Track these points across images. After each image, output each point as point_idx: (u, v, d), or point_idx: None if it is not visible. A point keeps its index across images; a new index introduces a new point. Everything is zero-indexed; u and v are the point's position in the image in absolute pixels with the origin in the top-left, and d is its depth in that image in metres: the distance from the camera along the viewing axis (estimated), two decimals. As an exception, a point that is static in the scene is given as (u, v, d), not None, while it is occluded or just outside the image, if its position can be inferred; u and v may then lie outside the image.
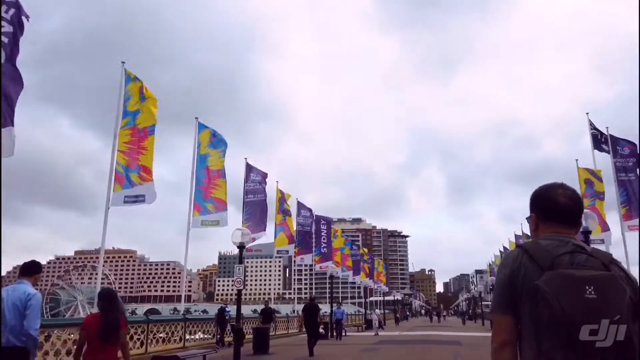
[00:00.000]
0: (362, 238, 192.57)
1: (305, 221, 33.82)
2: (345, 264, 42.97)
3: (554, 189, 1.91)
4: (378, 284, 58.48)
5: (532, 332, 1.63)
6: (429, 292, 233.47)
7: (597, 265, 1.64)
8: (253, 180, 25.22)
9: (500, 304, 1.74)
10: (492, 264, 65.84)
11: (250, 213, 24.22)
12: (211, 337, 19.50)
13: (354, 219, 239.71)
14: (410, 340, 21.82)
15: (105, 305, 4.88)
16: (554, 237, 1.78)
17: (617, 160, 20.46)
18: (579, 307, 1.52)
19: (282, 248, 28.29)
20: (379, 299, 60.36)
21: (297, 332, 28.03)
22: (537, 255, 1.70)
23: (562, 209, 1.84)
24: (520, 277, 1.70)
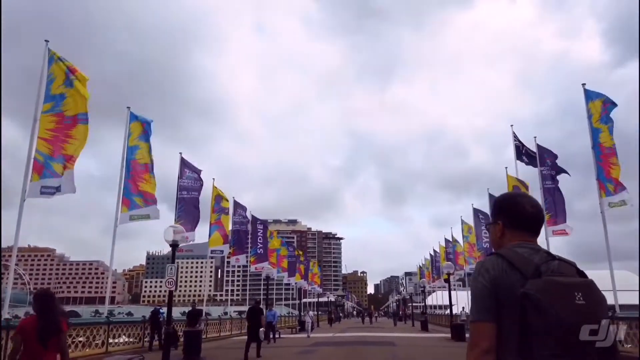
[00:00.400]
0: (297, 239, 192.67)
1: (241, 221, 32.98)
2: (281, 265, 42.49)
3: (520, 198, 1.95)
4: (312, 285, 58.50)
5: (516, 339, 1.61)
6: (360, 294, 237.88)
7: (571, 271, 1.70)
8: (188, 177, 24.09)
9: (482, 310, 1.72)
10: (422, 267, 68.01)
11: (184, 210, 23.10)
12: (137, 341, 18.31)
13: (290, 221, 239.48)
14: (346, 342, 21.76)
15: (42, 307, 4.60)
16: (525, 245, 1.80)
17: (543, 169, 21.58)
18: (572, 313, 1.55)
19: (217, 248, 27.30)
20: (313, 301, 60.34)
21: (229, 334, 27.21)
22: (518, 262, 1.71)
23: (530, 217, 1.88)
24: (502, 283, 1.69)
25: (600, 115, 15.92)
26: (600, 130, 15.66)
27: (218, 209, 28.09)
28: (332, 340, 23.23)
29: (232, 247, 31.78)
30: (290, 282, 48.18)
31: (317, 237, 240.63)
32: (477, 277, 1.78)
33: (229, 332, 27.84)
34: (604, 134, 15.47)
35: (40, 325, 4.44)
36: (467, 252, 38.43)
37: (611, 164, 15.16)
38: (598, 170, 15.99)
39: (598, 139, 15.77)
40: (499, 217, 1.95)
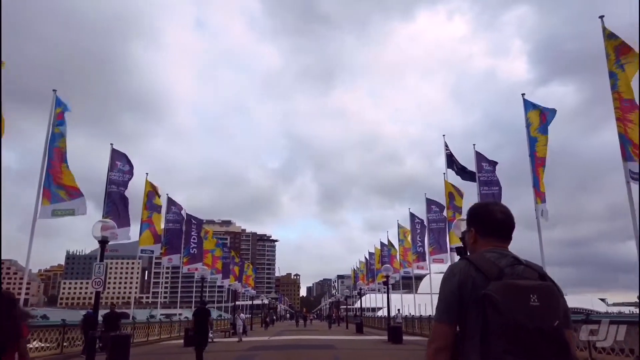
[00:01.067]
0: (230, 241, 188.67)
1: (175, 219, 31.41)
2: (215, 267, 41.03)
3: (491, 206, 2.10)
4: (246, 287, 57.19)
5: (478, 337, 1.76)
6: (293, 296, 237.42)
7: (534, 275, 1.84)
8: (120, 170, 22.45)
9: (445, 311, 1.89)
10: (357, 269, 68.81)
11: (113, 206, 21.45)
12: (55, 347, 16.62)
13: (223, 221, 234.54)
14: (284, 345, 21.15)
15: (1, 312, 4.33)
16: (495, 250, 1.95)
17: (481, 175, 22.26)
18: (526, 313, 1.70)
19: (147, 247, 25.68)
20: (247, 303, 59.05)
21: (158, 339, 25.68)
22: (483, 266, 1.86)
23: (499, 224, 2.02)
24: (468, 286, 1.84)
25: (539, 124, 16.54)
26: (536, 139, 16.26)
27: (150, 206, 26.50)
28: (269, 344, 22.52)
29: (164, 246, 30.17)
30: (224, 284, 46.73)
31: (252, 239, 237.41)
32: (446, 280, 1.93)
33: (157, 337, 26.27)
34: (540, 143, 16.09)
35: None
36: (402, 255, 39.15)
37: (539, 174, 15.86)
38: (534, 179, 16.60)
39: (535, 147, 16.37)
40: (472, 224, 2.10)
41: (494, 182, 21.96)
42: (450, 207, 27.18)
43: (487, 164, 22.38)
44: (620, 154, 11.60)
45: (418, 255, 34.24)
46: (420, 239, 34.39)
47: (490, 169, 22.18)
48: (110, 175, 21.90)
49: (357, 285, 57.98)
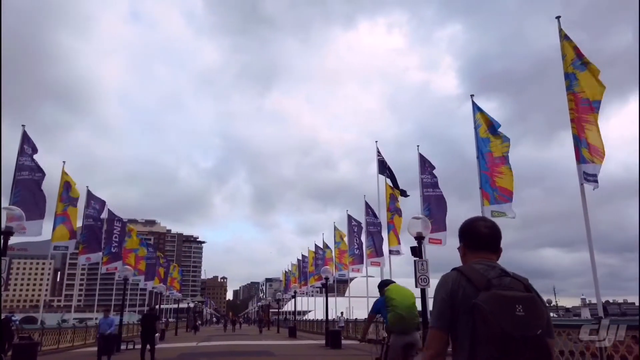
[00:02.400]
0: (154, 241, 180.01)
1: (95, 215, 28.59)
2: (138, 267, 38.13)
3: (477, 222, 2.26)
4: (171, 290, 54.10)
5: (467, 344, 1.89)
6: (219, 300, 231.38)
7: (520, 287, 1.97)
8: (30, 155, 19.76)
9: (439, 319, 2.02)
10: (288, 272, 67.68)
11: (22, 196, 18.76)
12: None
13: (147, 221, 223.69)
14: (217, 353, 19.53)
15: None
16: (482, 262, 2.10)
17: (424, 176, 22.06)
18: (512, 323, 1.81)
19: (61, 243, 22.86)
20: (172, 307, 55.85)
21: (70, 345, 22.99)
22: (473, 277, 1.99)
23: (485, 238, 2.19)
24: (459, 296, 1.98)
25: (488, 126, 16.43)
26: (489, 140, 16.11)
27: (66, 198, 23.71)
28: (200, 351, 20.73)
29: (82, 244, 27.33)
30: (148, 286, 43.68)
31: (177, 240, 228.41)
32: (439, 288, 2.07)
33: (70, 344, 23.53)
34: (494, 143, 15.92)
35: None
36: (338, 258, 38.64)
37: (499, 172, 15.62)
38: (482, 180, 16.42)
39: (486, 148, 16.20)
40: (461, 239, 2.28)
41: (436, 184, 21.88)
42: (391, 209, 26.94)
43: (429, 166, 22.27)
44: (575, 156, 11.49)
45: (354, 258, 33.83)
46: (357, 241, 34.02)
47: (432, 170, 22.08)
48: (19, 161, 19.19)
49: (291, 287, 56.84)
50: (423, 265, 11.93)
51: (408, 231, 12.42)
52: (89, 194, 28.39)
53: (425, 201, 21.71)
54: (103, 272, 32.60)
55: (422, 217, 12.13)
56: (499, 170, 15.55)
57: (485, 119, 16.75)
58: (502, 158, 15.62)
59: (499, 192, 15.45)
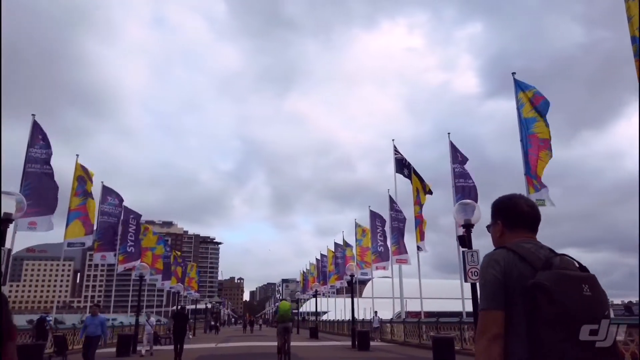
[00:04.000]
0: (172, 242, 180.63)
1: (112, 211, 27.69)
2: (155, 266, 37.24)
3: (518, 199, 2.07)
4: (189, 290, 53.24)
5: (524, 328, 1.72)
6: (236, 300, 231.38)
7: (574, 266, 1.83)
8: (42, 147, 18.81)
9: (493, 299, 1.82)
10: (306, 272, 66.43)
11: (33, 188, 17.80)
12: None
13: (164, 222, 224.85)
14: (237, 354, 18.38)
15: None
16: (530, 242, 1.93)
17: (455, 166, 20.60)
18: (581, 303, 1.68)
19: (76, 240, 21.88)
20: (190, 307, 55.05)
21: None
22: (528, 256, 1.84)
23: (527, 216, 2.01)
24: (514, 275, 1.81)
25: (533, 105, 14.92)
26: (535, 119, 14.61)
27: (82, 192, 22.75)
28: (220, 353, 19.58)
29: (98, 241, 26.43)
30: (165, 286, 42.82)
31: (194, 241, 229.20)
32: (487, 268, 1.87)
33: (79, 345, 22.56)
34: (540, 123, 14.42)
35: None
36: (359, 256, 37.22)
37: (539, 158, 14.15)
38: (526, 165, 14.96)
39: (531, 129, 14.70)
40: (497, 217, 2.08)
41: (468, 174, 20.39)
42: (418, 202, 25.50)
43: (460, 156, 20.79)
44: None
45: (377, 255, 32.37)
46: (381, 238, 32.57)
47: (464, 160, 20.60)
48: (30, 153, 18.24)
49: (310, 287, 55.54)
50: (473, 256, 10.52)
51: (455, 218, 11.00)
52: (104, 189, 27.51)
53: (457, 192, 20.24)
54: (120, 272, 31.79)
55: (470, 202, 10.68)
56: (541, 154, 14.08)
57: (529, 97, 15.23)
58: (546, 141, 14.13)
59: (537, 178, 14.01)
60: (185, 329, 16.00)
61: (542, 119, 14.47)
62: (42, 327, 17.61)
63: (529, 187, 14.71)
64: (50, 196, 18.24)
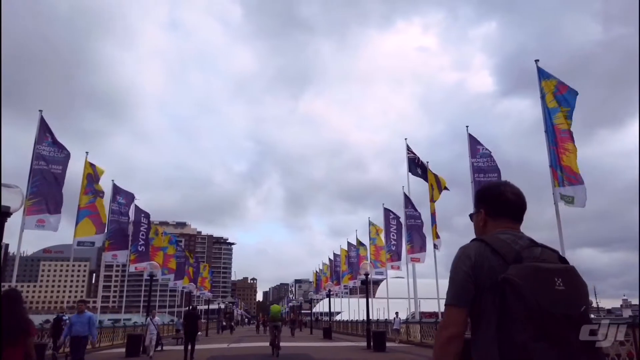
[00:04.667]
0: (185, 243, 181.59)
1: (121, 209, 27.39)
2: (168, 266, 36.97)
3: (503, 186, 1.95)
4: (202, 290, 53.00)
5: (494, 324, 1.62)
6: (249, 301, 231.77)
7: (553, 258, 1.71)
8: (49, 144, 18.48)
9: (457, 295, 1.72)
10: (319, 272, 65.86)
11: (40, 186, 17.47)
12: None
13: (178, 223, 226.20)
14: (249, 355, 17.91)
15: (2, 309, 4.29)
16: (508, 232, 1.82)
17: (475, 160, 19.81)
18: (551, 298, 1.56)
19: (86, 239, 21.59)
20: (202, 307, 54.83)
21: (97, 347, 21.71)
22: (500, 248, 1.71)
23: (512, 205, 1.89)
24: (484, 269, 1.70)
25: (555, 95, 14.11)
26: (557, 109, 13.81)
27: (90, 191, 22.45)
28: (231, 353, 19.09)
29: (109, 240, 26.13)
30: (177, 285, 42.55)
31: (207, 242, 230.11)
32: (458, 262, 1.77)
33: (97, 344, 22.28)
34: (560, 114, 13.62)
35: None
36: (374, 255, 36.52)
37: (565, 149, 13.32)
38: (551, 157, 14.15)
39: (553, 119, 13.91)
40: (481, 205, 1.96)
41: (492, 168, 19.52)
42: (433, 200, 24.76)
43: (482, 147, 19.96)
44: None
45: (392, 254, 31.65)
46: (394, 237, 31.85)
47: (486, 153, 19.76)
48: (37, 149, 17.91)
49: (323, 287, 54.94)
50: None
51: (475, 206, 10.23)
52: (114, 188, 27.22)
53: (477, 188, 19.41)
54: (131, 272, 31.55)
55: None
56: (565, 146, 13.23)
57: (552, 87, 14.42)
58: (568, 132, 13.31)
59: (566, 172, 13.12)
60: (197, 329, 16.20)
61: (562, 110, 13.67)
62: (59, 326, 17.60)
63: (553, 181, 13.92)
64: (57, 196, 17.92)
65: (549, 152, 14.24)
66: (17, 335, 4.19)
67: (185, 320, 16.84)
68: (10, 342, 4.13)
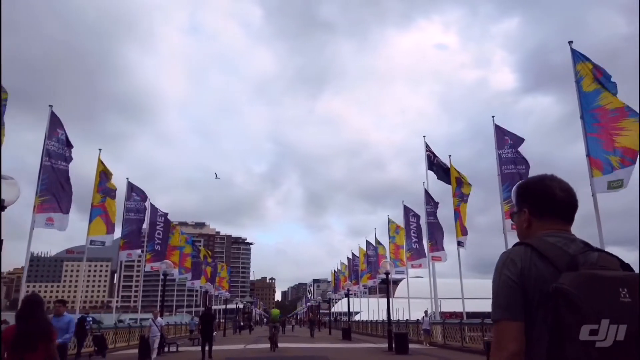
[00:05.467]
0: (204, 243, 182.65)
1: (137, 207, 26.98)
2: (184, 265, 36.58)
3: (549, 181, 1.64)
4: (220, 290, 52.61)
5: (546, 341, 1.39)
6: (268, 300, 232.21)
7: (614, 264, 1.46)
8: (60, 140, 18.02)
9: (508, 307, 1.46)
10: (337, 272, 65.05)
11: (49, 184, 16.99)
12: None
13: (197, 223, 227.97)
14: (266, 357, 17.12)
15: (23, 313, 4.26)
16: (558, 234, 1.55)
17: (502, 152, 18.72)
18: (616, 312, 1.33)
19: (97, 238, 21.16)
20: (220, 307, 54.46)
21: (113, 347, 21.30)
22: (549, 253, 1.47)
23: (561, 202, 1.60)
24: (532, 277, 1.46)
25: (594, 77, 12.98)
26: (599, 91, 12.68)
27: (103, 190, 22.03)
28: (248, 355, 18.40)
29: (123, 239, 25.82)
30: (195, 285, 42.20)
31: (226, 242, 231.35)
32: (502, 269, 1.52)
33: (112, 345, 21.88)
34: (606, 94, 12.48)
35: (19, 331, 4.15)
36: (393, 253, 35.53)
37: (618, 129, 12.12)
38: (589, 146, 13.03)
39: (594, 102, 12.79)
40: (524, 204, 1.67)
41: (520, 159, 18.41)
42: (457, 194, 23.70)
43: (509, 138, 18.85)
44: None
45: (413, 253, 30.62)
46: (415, 234, 30.82)
47: (513, 143, 18.64)
48: (47, 145, 17.44)
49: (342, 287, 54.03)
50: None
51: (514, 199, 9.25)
52: (129, 186, 26.87)
53: (505, 180, 18.37)
54: (150, 271, 31.24)
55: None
56: (619, 125, 12.01)
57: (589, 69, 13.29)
58: (622, 110, 12.09)
59: (622, 153, 11.90)
60: (213, 329, 16.62)
61: (606, 90, 12.53)
62: (82, 327, 17.97)
63: (592, 170, 12.81)
64: (66, 194, 17.46)
65: (585, 140, 13.14)
66: (37, 341, 4.16)
67: (200, 321, 17.21)
68: (31, 347, 4.14)
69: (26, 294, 6.09)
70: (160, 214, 31.58)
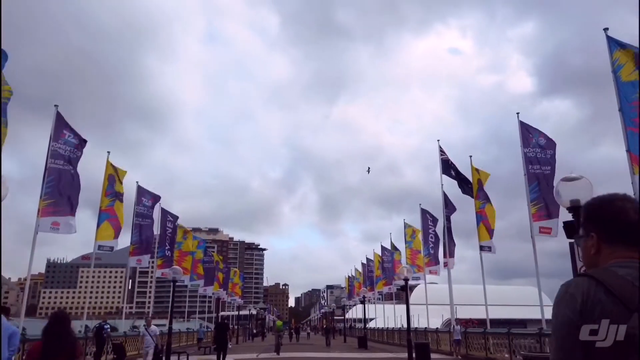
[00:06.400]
0: (217, 249, 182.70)
1: (146, 212, 26.33)
2: (196, 272, 35.88)
3: (622, 202, 1.41)
4: (233, 296, 51.87)
5: None
6: (281, 307, 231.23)
7: None
8: (67, 142, 17.40)
9: (565, 350, 1.27)
10: (351, 278, 63.93)
11: (54, 186, 16.36)
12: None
13: (210, 229, 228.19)
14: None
15: (51, 329, 4.24)
16: (631, 265, 1.33)
17: (528, 150, 17.63)
18: None
19: (105, 243, 20.51)
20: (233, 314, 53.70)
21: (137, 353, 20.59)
22: (618, 288, 1.27)
23: (635, 227, 1.37)
24: (594, 316, 1.26)
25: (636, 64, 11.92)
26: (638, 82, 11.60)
27: (111, 193, 21.41)
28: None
29: (133, 244, 25.15)
30: (207, 291, 41.48)
31: (239, 248, 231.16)
32: (559, 305, 1.34)
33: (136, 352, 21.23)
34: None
35: (45, 346, 4.16)
36: (410, 259, 34.40)
37: None
38: (629, 139, 11.95)
39: (635, 94, 11.71)
40: (592, 227, 1.45)
41: (546, 160, 17.30)
42: (479, 197, 22.61)
43: (536, 134, 17.76)
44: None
45: (430, 258, 29.54)
46: (432, 239, 29.75)
47: (541, 142, 17.55)
48: (53, 147, 16.83)
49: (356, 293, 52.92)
50: (585, 249, 7.77)
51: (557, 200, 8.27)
52: (139, 190, 26.24)
53: (532, 181, 17.28)
54: (160, 277, 30.58)
55: (581, 177, 7.82)
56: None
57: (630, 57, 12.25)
58: None
59: None
60: (227, 338, 17.64)
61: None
62: (101, 334, 18.36)
63: (632, 167, 11.72)
64: (72, 197, 16.81)
65: (624, 134, 12.06)
66: (61, 358, 4.20)
67: (215, 331, 18.05)
68: None
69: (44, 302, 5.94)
70: (170, 219, 30.95)
